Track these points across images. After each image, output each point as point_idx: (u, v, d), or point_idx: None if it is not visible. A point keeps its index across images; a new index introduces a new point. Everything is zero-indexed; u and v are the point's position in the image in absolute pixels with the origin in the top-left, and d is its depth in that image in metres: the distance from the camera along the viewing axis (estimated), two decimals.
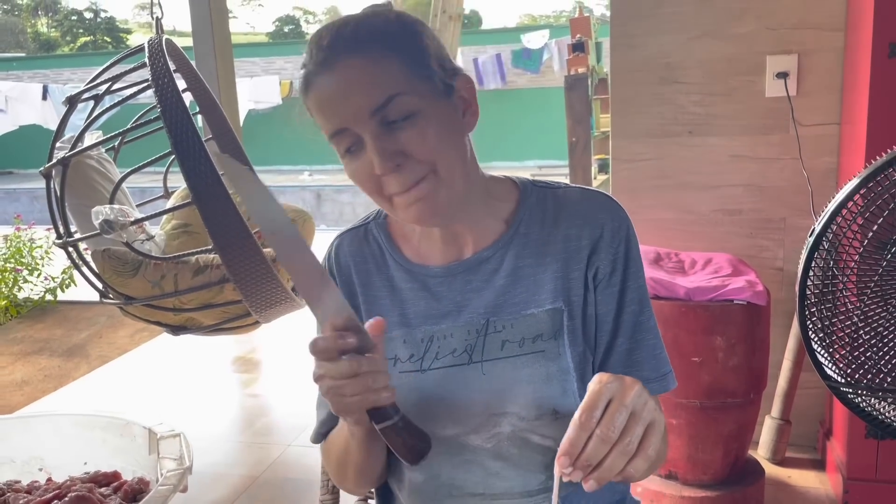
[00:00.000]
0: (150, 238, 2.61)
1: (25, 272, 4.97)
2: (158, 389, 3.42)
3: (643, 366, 0.94)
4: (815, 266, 1.49)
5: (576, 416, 0.69)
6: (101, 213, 2.16)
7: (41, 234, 5.17)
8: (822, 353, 1.52)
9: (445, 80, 0.87)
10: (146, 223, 2.47)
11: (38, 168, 2.54)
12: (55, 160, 2.44)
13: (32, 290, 4.98)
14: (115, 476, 1.49)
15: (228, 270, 2.17)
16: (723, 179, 2.27)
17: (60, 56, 25.62)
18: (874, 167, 1.42)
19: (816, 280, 1.49)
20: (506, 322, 0.92)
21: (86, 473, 1.51)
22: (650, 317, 0.95)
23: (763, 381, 2.02)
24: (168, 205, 2.76)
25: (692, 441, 1.99)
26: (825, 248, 1.47)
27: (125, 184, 2.50)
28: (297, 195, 11.33)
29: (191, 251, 2.34)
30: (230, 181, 0.83)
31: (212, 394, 3.33)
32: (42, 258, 5.10)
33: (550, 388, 0.90)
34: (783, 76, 2.15)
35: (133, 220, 2.24)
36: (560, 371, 0.90)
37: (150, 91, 2.17)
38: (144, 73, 2.26)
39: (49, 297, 4.93)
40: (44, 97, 7.45)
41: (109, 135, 2.57)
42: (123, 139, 2.69)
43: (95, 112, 2.61)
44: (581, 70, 5.86)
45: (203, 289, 2.29)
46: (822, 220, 1.47)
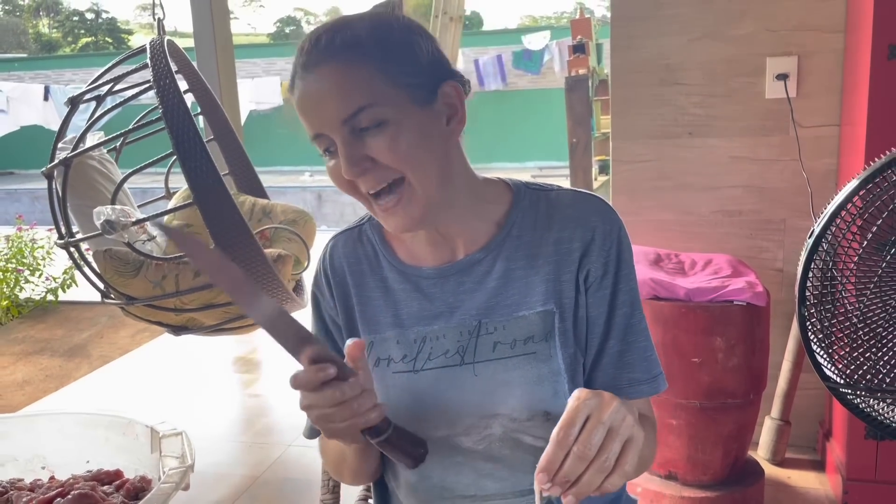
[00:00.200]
0: (152, 238, 2.61)
1: (27, 272, 4.98)
2: (159, 389, 3.42)
3: (634, 367, 0.94)
4: (815, 267, 1.49)
5: (554, 433, 0.71)
6: (103, 214, 2.16)
7: (42, 235, 5.17)
8: (822, 354, 1.53)
9: (428, 87, 0.87)
10: (147, 224, 2.47)
11: (40, 168, 2.54)
12: (57, 160, 2.45)
13: (34, 291, 4.99)
14: (118, 474, 1.49)
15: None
16: (723, 181, 2.28)
17: (62, 57, 25.63)
18: (873, 168, 1.42)
19: (816, 281, 1.50)
20: (497, 324, 0.92)
21: (88, 472, 1.51)
22: (641, 319, 0.96)
23: (763, 382, 2.02)
24: (169, 205, 2.77)
25: (692, 441, 1.99)
26: (825, 250, 1.48)
27: (127, 184, 2.51)
28: (298, 196, 11.33)
29: None
30: (179, 247, 0.87)
31: (213, 394, 3.34)
32: (43, 258, 5.11)
33: (542, 390, 0.90)
34: (783, 78, 2.16)
35: (134, 221, 2.24)
36: (551, 373, 0.91)
37: (152, 92, 2.18)
38: (146, 74, 2.27)
39: (50, 298, 4.94)
40: (45, 98, 7.45)
41: (111, 135, 2.58)
42: (125, 140, 2.70)
43: (97, 113, 2.62)
44: (582, 71, 5.87)
45: (204, 289, 2.29)
46: (822, 222, 1.47)
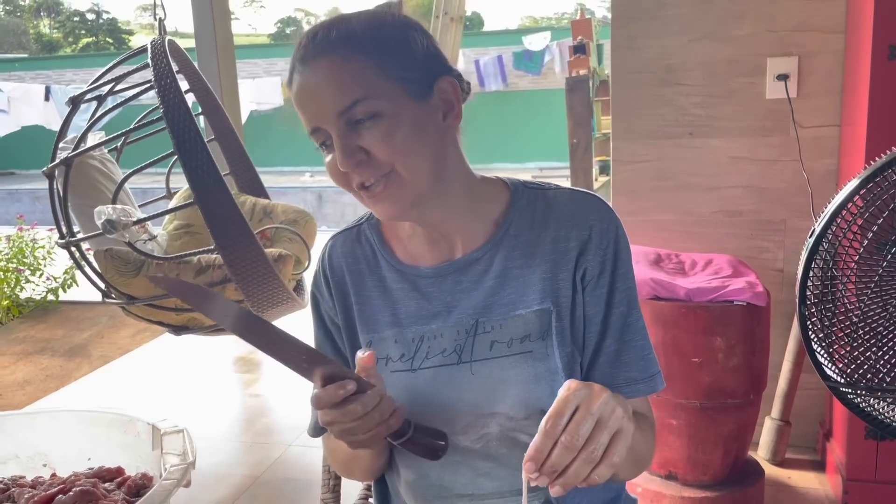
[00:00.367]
0: (153, 238, 2.62)
1: (27, 272, 4.98)
2: (160, 389, 3.43)
3: (631, 366, 0.94)
4: (816, 266, 1.49)
5: (542, 423, 0.71)
6: (104, 213, 2.17)
7: (43, 235, 5.17)
8: (822, 354, 1.53)
9: (424, 82, 0.88)
10: (148, 223, 2.47)
11: (41, 168, 2.54)
12: (58, 160, 2.46)
13: (34, 291, 4.99)
14: (119, 471, 1.49)
15: (230, 270, 2.18)
16: (723, 181, 2.28)
17: (63, 57, 25.64)
18: (874, 168, 1.42)
19: (816, 280, 1.50)
20: (495, 322, 0.93)
21: (90, 469, 1.51)
22: (639, 318, 0.96)
23: (763, 382, 2.02)
24: (170, 205, 2.77)
25: (692, 441, 1.99)
26: (825, 249, 1.48)
27: (128, 184, 2.52)
28: (299, 196, 11.33)
29: (193, 251, 2.35)
30: (178, 296, 0.88)
31: (213, 394, 3.34)
32: (44, 258, 5.11)
33: (538, 389, 0.90)
34: (783, 78, 2.16)
35: (135, 221, 2.24)
36: (548, 371, 0.91)
37: (153, 92, 2.18)
38: (147, 74, 2.27)
39: (51, 298, 4.94)
40: (46, 98, 7.46)
41: (112, 135, 2.58)
42: (126, 140, 2.70)
43: (98, 112, 2.62)
44: (582, 72, 5.87)
45: None
46: (823, 221, 1.47)
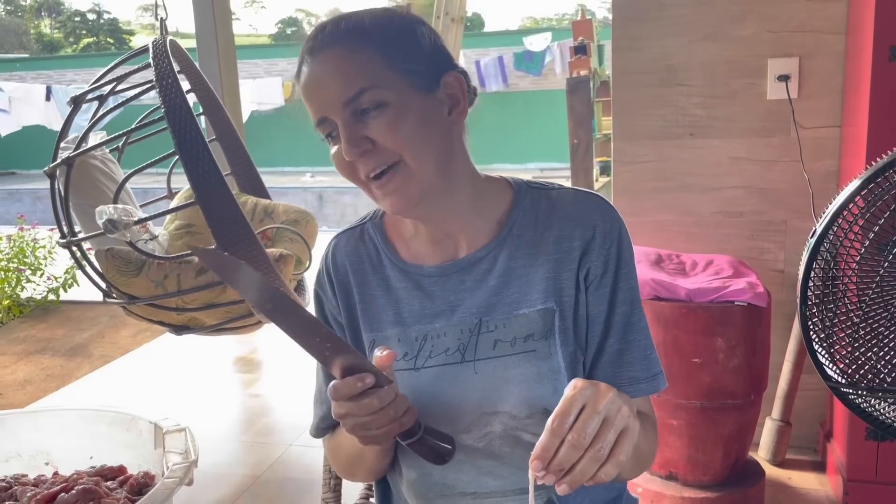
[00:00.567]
0: (154, 238, 2.62)
1: (28, 272, 4.99)
2: (160, 389, 3.43)
3: (634, 366, 0.95)
4: (817, 267, 1.49)
5: (549, 422, 0.71)
6: (105, 213, 2.17)
7: (44, 234, 5.18)
8: (823, 354, 1.53)
9: (430, 75, 0.89)
10: (149, 223, 2.47)
11: (41, 168, 2.55)
12: (60, 160, 2.46)
13: (35, 290, 5.00)
14: (121, 470, 1.49)
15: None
16: (724, 181, 2.28)
17: (63, 57, 25.64)
18: (875, 169, 1.43)
19: (818, 281, 1.50)
20: (498, 322, 0.93)
21: (92, 468, 1.51)
22: (641, 318, 0.96)
23: (763, 383, 2.02)
24: (171, 205, 2.77)
25: (692, 442, 2.00)
26: (826, 250, 1.48)
27: (129, 184, 2.52)
28: (300, 196, 11.33)
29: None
30: (215, 271, 0.87)
31: (213, 394, 3.34)
32: (45, 258, 5.11)
33: (541, 388, 0.91)
34: (784, 79, 2.16)
35: (137, 220, 2.25)
36: (551, 370, 0.91)
37: (154, 92, 2.18)
38: (148, 74, 2.27)
39: (52, 297, 4.95)
40: (47, 98, 7.46)
41: (113, 135, 2.58)
42: (127, 139, 2.70)
43: (99, 112, 2.62)
44: (583, 72, 5.88)
45: (206, 288, 2.29)
46: (824, 222, 1.48)
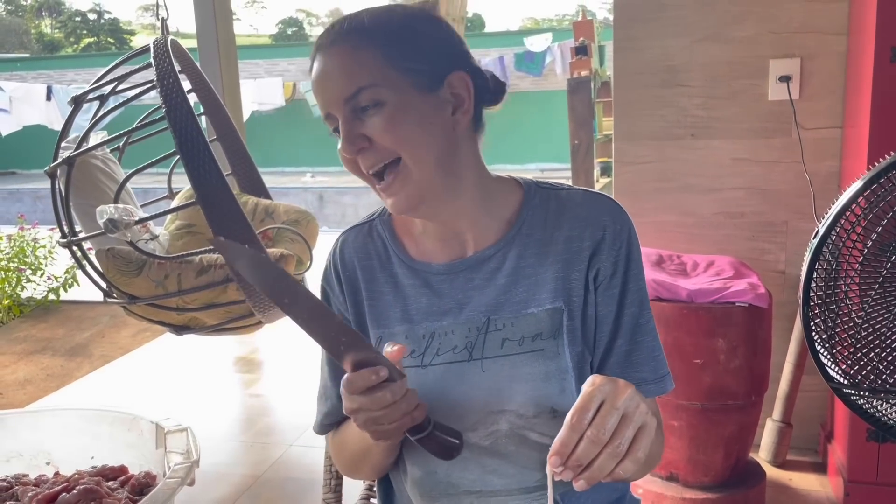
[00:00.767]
0: (154, 238, 2.62)
1: (28, 272, 4.99)
2: (161, 389, 3.43)
3: (641, 367, 0.95)
4: (819, 268, 1.49)
5: (568, 417, 0.71)
6: (106, 213, 2.17)
7: (44, 234, 5.18)
8: (825, 355, 1.53)
9: (433, 74, 0.88)
10: (150, 223, 2.47)
11: (42, 168, 2.55)
12: (60, 160, 2.46)
13: (35, 290, 5.00)
14: (122, 470, 1.48)
15: (232, 271, 2.18)
16: (725, 182, 2.28)
17: (64, 57, 25.66)
18: (878, 170, 1.42)
19: (820, 282, 1.50)
20: (506, 320, 0.93)
21: (93, 467, 1.51)
22: (649, 319, 0.96)
23: (764, 384, 2.02)
24: (172, 205, 2.77)
25: (693, 443, 1.99)
26: (828, 251, 1.48)
27: (129, 184, 2.52)
28: (300, 197, 11.33)
29: (194, 251, 2.35)
30: (233, 264, 0.87)
31: (214, 394, 3.34)
32: (45, 258, 5.11)
33: (549, 387, 0.91)
34: (786, 80, 2.16)
35: (137, 220, 2.24)
36: (559, 370, 0.91)
37: (155, 92, 2.18)
38: (149, 74, 2.27)
39: (52, 297, 4.95)
40: (48, 98, 7.48)
41: (114, 135, 2.58)
42: (128, 139, 2.70)
43: (100, 112, 2.62)
44: (584, 73, 5.88)
45: (206, 288, 2.29)
46: (826, 223, 1.47)
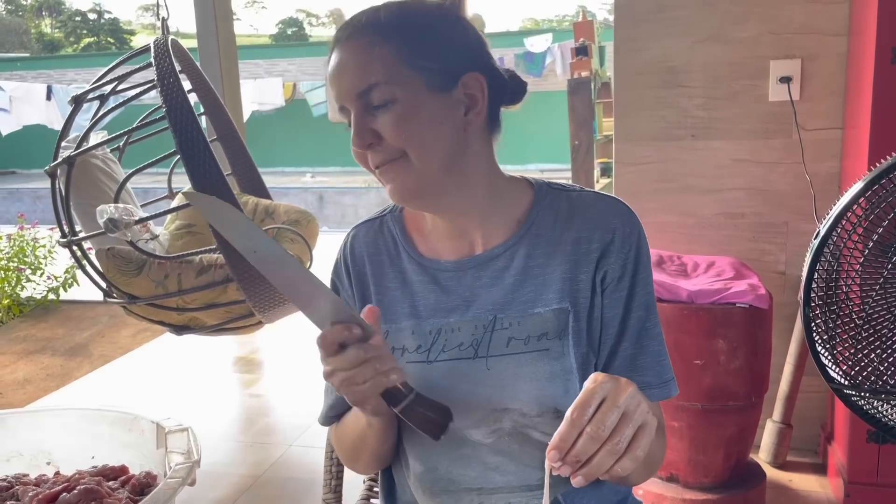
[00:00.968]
0: (154, 237, 2.62)
1: (28, 271, 4.99)
2: (160, 389, 3.43)
3: (646, 371, 0.95)
4: (820, 269, 1.49)
5: (569, 412, 0.71)
6: (106, 212, 2.17)
7: (44, 234, 5.18)
8: (826, 356, 1.53)
9: (447, 74, 0.88)
10: (150, 223, 2.47)
11: (42, 168, 2.55)
12: (60, 159, 2.46)
13: (35, 290, 5.00)
14: (123, 470, 1.48)
15: (232, 270, 2.18)
16: (725, 183, 2.28)
17: (64, 57, 25.66)
18: (878, 171, 1.42)
19: (821, 283, 1.50)
20: (513, 319, 0.93)
21: (93, 467, 1.50)
22: (656, 323, 0.96)
23: (765, 385, 2.02)
24: (172, 205, 2.77)
25: (693, 444, 1.99)
26: (829, 252, 1.48)
27: (129, 183, 2.52)
28: (300, 197, 11.33)
29: (194, 251, 2.36)
30: (204, 214, 0.88)
31: (214, 394, 3.34)
32: (45, 257, 5.11)
33: (553, 387, 0.91)
34: (786, 80, 2.16)
35: (137, 220, 2.25)
36: (563, 370, 0.91)
37: (155, 91, 2.18)
38: (149, 74, 2.27)
39: (52, 297, 4.95)
40: (48, 97, 7.48)
41: (114, 134, 2.58)
42: (128, 139, 2.70)
43: (100, 112, 2.62)
44: (584, 74, 5.87)
45: (206, 288, 2.30)
46: (827, 224, 1.47)
